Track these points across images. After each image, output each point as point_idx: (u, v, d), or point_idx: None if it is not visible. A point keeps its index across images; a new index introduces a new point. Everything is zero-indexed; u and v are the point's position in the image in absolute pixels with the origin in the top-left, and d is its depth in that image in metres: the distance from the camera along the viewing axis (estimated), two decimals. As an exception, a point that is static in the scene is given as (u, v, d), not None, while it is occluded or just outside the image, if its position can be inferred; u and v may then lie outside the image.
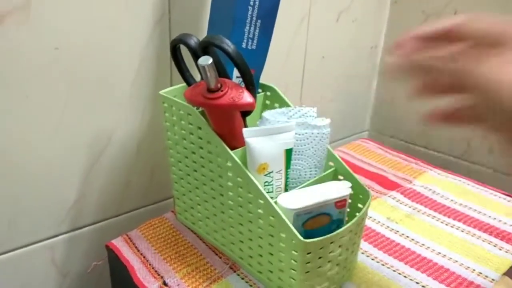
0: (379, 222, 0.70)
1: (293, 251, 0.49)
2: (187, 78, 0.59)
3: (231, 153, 0.53)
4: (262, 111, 0.62)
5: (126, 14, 0.62)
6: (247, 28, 0.59)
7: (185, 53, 0.56)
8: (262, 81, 0.66)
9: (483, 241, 0.66)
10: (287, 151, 0.53)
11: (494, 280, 0.58)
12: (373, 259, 0.62)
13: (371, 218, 0.71)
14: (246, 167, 0.52)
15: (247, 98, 0.50)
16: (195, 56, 0.53)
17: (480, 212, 0.73)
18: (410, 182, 0.83)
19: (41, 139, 0.60)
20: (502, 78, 0.28)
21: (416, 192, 0.79)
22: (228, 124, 0.53)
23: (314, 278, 0.51)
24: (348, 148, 0.97)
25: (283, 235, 0.50)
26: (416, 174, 0.86)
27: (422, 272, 0.59)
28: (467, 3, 0.92)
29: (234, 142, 0.54)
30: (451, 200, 0.77)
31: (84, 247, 0.70)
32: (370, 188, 0.81)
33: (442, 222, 0.70)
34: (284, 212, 0.49)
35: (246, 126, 0.57)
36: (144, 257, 0.60)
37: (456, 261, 0.61)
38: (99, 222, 0.71)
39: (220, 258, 0.61)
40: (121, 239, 0.64)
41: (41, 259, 0.67)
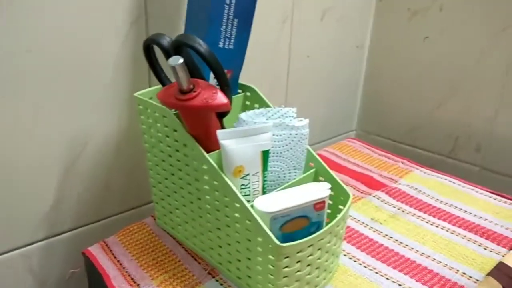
0: (363, 223, 0.69)
1: (270, 256, 0.48)
2: (162, 79, 0.57)
3: (207, 156, 0.51)
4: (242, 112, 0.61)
5: (101, 14, 0.60)
6: (224, 27, 0.58)
7: (160, 53, 0.54)
8: (246, 81, 0.65)
9: (468, 240, 0.65)
10: (264, 153, 0.51)
11: (478, 280, 0.57)
12: (355, 261, 0.60)
13: (355, 219, 0.70)
14: (222, 170, 0.51)
15: (221, 98, 0.48)
16: (168, 56, 0.51)
17: (466, 211, 0.72)
18: (396, 182, 0.82)
19: (14, 143, 0.59)
20: None
21: (401, 191, 0.78)
22: (202, 126, 0.51)
23: (293, 282, 0.50)
24: (334, 148, 0.96)
25: (260, 239, 0.49)
26: (402, 173, 0.85)
27: (405, 273, 0.58)
28: (452, 0, 0.92)
29: (210, 145, 0.52)
30: (437, 199, 0.76)
31: (62, 255, 0.69)
32: (355, 188, 0.80)
33: (427, 222, 0.69)
34: (260, 215, 0.48)
35: (223, 127, 0.55)
36: (120, 264, 0.59)
37: (440, 261, 0.60)
38: (77, 228, 0.69)
39: (199, 263, 0.59)
40: (97, 246, 0.62)
41: (17, 267, 0.65)
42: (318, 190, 0.52)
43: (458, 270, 0.59)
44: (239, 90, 0.66)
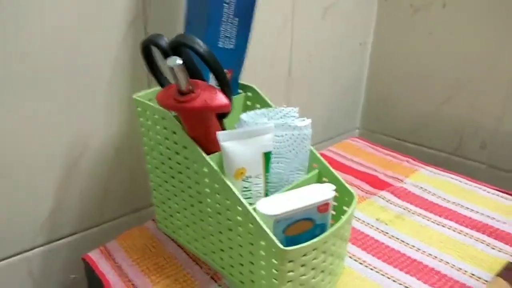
0: (368, 223, 0.68)
1: (273, 260, 0.47)
2: (162, 81, 0.56)
3: (207, 158, 0.50)
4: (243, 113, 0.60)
5: (99, 15, 0.59)
6: (223, 26, 0.57)
7: (159, 54, 0.53)
8: (247, 81, 0.63)
9: (476, 240, 0.63)
10: (266, 154, 0.50)
11: (487, 281, 0.56)
12: (361, 263, 0.59)
13: (360, 220, 0.69)
14: (223, 173, 0.50)
15: (221, 99, 0.47)
16: (167, 57, 0.50)
17: (472, 210, 0.71)
18: (401, 181, 0.80)
19: (12, 147, 0.58)
20: None
21: (407, 191, 0.77)
22: (202, 127, 0.50)
23: (297, 287, 0.49)
24: (337, 147, 0.95)
25: (263, 243, 0.47)
26: (407, 172, 0.83)
27: (412, 275, 0.57)
28: (455, -4, 0.90)
29: (211, 147, 0.51)
30: (443, 198, 0.74)
31: (62, 260, 0.68)
32: (360, 188, 0.78)
33: (433, 222, 0.68)
34: (263, 218, 0.47)
35: (224, 129, 0.54)
36: (121, 269, 0.58)
37: (447, 262, 0.59)
38: (78, 233, 0.68)
39: (201, 268, 0.58)
40: (98, 251, 0.61)
41: (17, 273, 0.64)
42: (322, 192, 0.51)
43: (466, 271, 0.57)
44: (240, 91, 0.65)
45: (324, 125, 1.04)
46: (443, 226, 0.67)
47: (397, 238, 0.64)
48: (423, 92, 1.01)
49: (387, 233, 0.66)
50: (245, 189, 0.50)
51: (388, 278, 0.56)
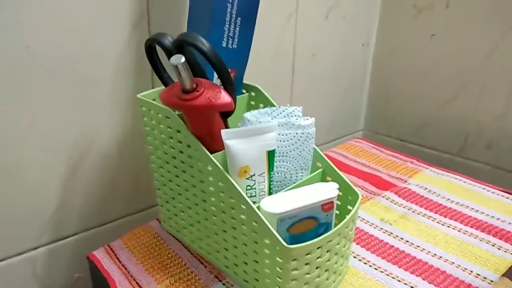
0: (372, 224, 0.68)
1: (277, 258, 0.47)
2: (165, 80, 0.56)
3: (211, 156, 0.50)
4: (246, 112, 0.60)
5: (103, 15, 0.60)
6: (227, 26, 0.57)
7: (163, 53, 0.53)
8: (250, 81, 0.64)
9: (481, 240, 0.63)
10: (270, 153, 0.50)
11: (492, 281, 0.55)
12: (365, 263, 0.59)
13: (364, 220, 0.69)
14: (227, 171, 0.50)
15: (225, 98, 0.47)
16: (170, 56, 0.50)
17: (477, 210, 0.70)
18: (405, 182, 0.80)
19: (16, 148, 0.58)
20: None
21: (411, 191, 0.76)
22: (206, 126, 0.50)
23: (301, 285, 0.48)
24: (341, 148, 0.95)
25: (267, 241, 0.47)
26: (411, 173, 0.83)
27: (417, 275, 0.57)
28: (459, -4, 0.90)
29: (215, 145, 0.51)
30: (448, 199, 0.74)
31: (66, 259, 0.68)
32: (364, 188, 0.78)
33: (438, 222, 0.68)
34: (267, 217, 0.47)
35: (227, 128, 0.54)
36: (125, 268, 0.58)
37: (452, 262, 0.59)
38: (82, 232, 0.68)
39: (205, 267, 0.58)
40: (102, 250, 0.61)
41: (21, 273, 0.64)
42: (326, 190, 0.51)
43: (471, 271, 0.57)
44: (244, 90, 0.65)
45: (327, 126, 1.04)
46: (448, 227, 0.66)
47: (401, 238, 0.64)
48: (427, 92, 1.01)
49: (392, 233, 0.65)
50: (249, 187, 0.50)
51: (393, 278, 0.56)
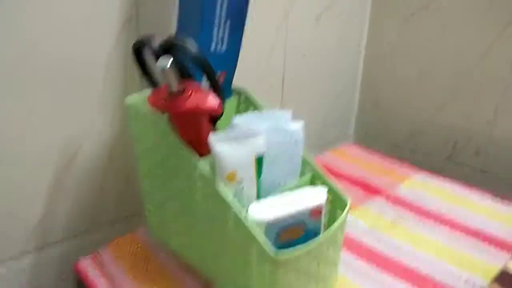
0: (363, 230, 0.67)
1: (266, 265, 0.46)
2: (153, 82, 0.55)
3: (199, 161, 0.49)
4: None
5: (91, 17, 0.59)
6: (216, 29, 0.56)
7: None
8: (241, 84, 0.63)
9: (471, 246, 0.63)
10: (258, 157, 0.49)
11: (483, 287, 0.55)
12: (355, 270, 0.58)
13: (354, 226, 0.68)
14: (215, 176, 0.49)
15: (212, 101, 0.47)
16: (158, 58, 0.49)
17: (467, 216, 0.70)
18: (396, 187, 0.80)
19: (2, 150, 0.56)
20: None
21: (401, 197, 0.76)
22: (194, 130, 0.50)
23: (290, 293, 0.48)
24: (331, 153, 0.95)
25: (255, 249, 0.46)
26: (401, 178, 0.83)
27: (406, 282, 0.56)
28: (450, 0, 0.91)
29: (203, 150, 0.50)
30: (437, 204, 0.74)
31: (53, 266, 0.66)
32: (354, 194, 0.77)
33: (428, 228, 0.67)
34: (255, 223, 0.46)
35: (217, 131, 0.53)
36: (112, 278, 0.56)
37: (442, 269, 0.58)
38: (69, 239, 0.67)
39: (193, 276, 0.57)
40: (88, 259, 0.60)
41: (8, 280, 0.62)
42: (315, 196, 0.50)
43: (461, 277, 0.57)
44: (233, 94, 0.64)
45: (318, 130, 1.04)
46: (438, 232, 0.66)
47: (391, 245, 0.64)
48: (418, 98, 1.01)
49: (382, 239, 0.65)
50: (237, 192, 0.49)
51: (383, 285, 0.56)
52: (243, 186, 0.49)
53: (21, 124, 0.57)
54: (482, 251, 0.62)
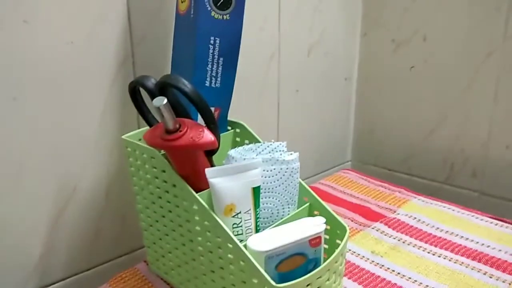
0: (363, 256, 0.67)
1: (267, 298, 0.46)
2: (149, 120, 0.57)
3: (196, 195, 0.50)
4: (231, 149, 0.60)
5: (88, 58, 0.61)
6: (209, 66, 0.58)
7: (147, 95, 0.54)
8: (236, 117, 0.64)
9: (472, 269, 0.63)
10: (255, 189, 0.50)
11: (486, 312, 0.55)
12: (358, 298, 0.58)
13: (355, 253, 0.68)
14: (213, 210, 0.49)
15: (208, 136, 0.48)
16: (154, 97, 0.51)
17: (467, 238, 0.70)
18: (394, 212, 0.80)
19: (0, 194, 0.57)
20: None
21: (400, 221, 0.76)
22: (191, 165, 0.51)
23: (293, 325, 0.47)
24: (329, 180, 0.95)
25: (255, 281, 0.46)
26: (400, 203, 0.83)
27: (410, 308, 0.56)
28: (435, 29, 0.94)
29: (200, 184, 0.51)
30: (437, 228, 0.74)
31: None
32: (353, 220, 0.78)
33: (428, 252, 0.67)
34: (254, 255, 0.46)
35: (213, 166, 0.54)
36: (112, 314, 0.56)
37: (445, 293, 0.58)
38: (69, 277, 0.67)
39: (194, 309, 0.57)
40: (88, 296, 0.60)
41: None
42: (313, 225, 0.51)
43: (464, 302, 0.56)
44: (229, 127, 0.65)
45: (315, 159, 1.05)
46: (439, 256, 0.66)
47: (393, 271, 0.63)
48: (410, 123, 1.03)
49: (383, 265, 0.65)
50: (235, 225, 0.50)
51: (385, 312, 0.55)
52: (241, 218, 0.50)
53: (17, 166, 0.58)
54: (484, 274, 0.61)
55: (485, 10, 0.86)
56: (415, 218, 0.77)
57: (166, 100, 0.45)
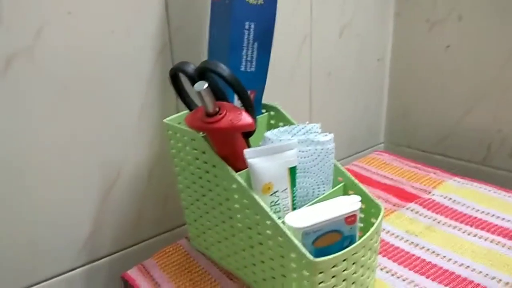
0: (398, 236, 0.68)
1: (304, 272, 0.48)
2: (189, 104, 0.60)
3: (235, 175, 0.53)
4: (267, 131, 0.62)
5: (129, 47, 0.64)
6: (245, 51, 0.60)
7: (187, 79, 0.57)
8: (269, 101, 0.66)
9: (509, 249, 0.63)
10: (291, 169, 0.52)
11: (523, 290, 0.55)
12: (392, 275, 0.59)
13: (389, 232, 0.69)
14: (251, 188, 0.52)
15: (246, 119, 0.50)
16: (193, 82, 0.53)
17: (504, 218, 0.70)
18: (429, 193, 0.80)
19: (53, 177, 0.62)
20: None
21: (435, 202, 0.76)
22: (230, 146, 0.53)
23: (329, 298, 0.49)
24: (363, 161, 0.96)
25: (293, 255, 0.49)
26: (435, 184, 0.83)
27: (445, 285, 0.57)
28: (471, 8, 0.91)
29: (238, 164, 0.54)
30: (473, 208, 0.74)
31: (102, 279, 0.71)
32: (387, 201, 0.78)
33: (464, 232, 0.67)
34: (292, 231, 0.49)
35: (249, 147, 0.56)
36: (158, 285, 0.60)
37: (480, 271, 0.58)
38: (116, 253, 0.71)
39: (234, 282, 0.60)
40: (136, 269, 0.64)
41: (59, 294, 0.67)
42: (349, 204, 0.52)
43: (500, 280, 0.57)
44: (263, 110, 0.67)
45: (348, 141, 1.05)
46: (474, 236, 0.66)
47: (428, 249, 0.64)
48: (445, 103, 1.01)
49: (418, 244, 0.66)
50: (273, 203, 0.52)
51: (420, 288, 0.56)
52: (279, 197, 0.52)
53: (67, 151, 0.62)
54: (521, 253, 0.61)
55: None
56: (451, 199, 0.77)
57: (206, 84, 0.47)
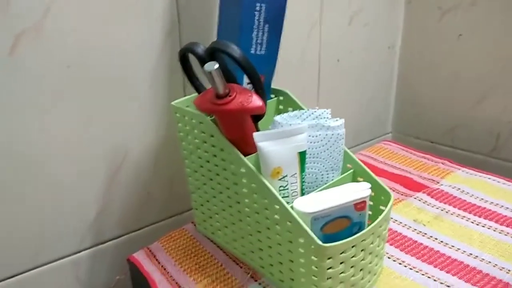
0: (406, 225, 0.67)
1: (312, 257, 0.48)
2: (198, 87, 0.59)
3: (244, 159, 0.52)
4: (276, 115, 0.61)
5: (137, 29, 0.63)
6: (255, 33, 0.59)
7: (195, 62, 0.56)
8: (277, 86, 0.65)
9: (518, 239, 0.62)
10: (301, 154, 0.51)
11: (532, 280, 0.54)
12: (400, 263, 0.59)
13: (397, 221, 0.68)
14: (260, 173, 0.51)
15: (256, 101, 0.49)
16: (203, 64, 0.52)
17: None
18: (437, 183, 0.79)
19: (58, 157, 0.61)
20: None
21: (444, 192, 0.76)
22: (239, 129, 0.52)
23: (337, 284, 0.49)
24: (370, 151, 0.95)
25: (302, 241, 0.48)
26: (443, 174, 0.82)
27: (453, 274, 0.56)
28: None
29: (247, 148, 0.53)
30: (481, 199, 0.73)
31: (107, 262, 0.71)
32: (395, 190, 0.78)
33: (472, 222, 0.67)
34: (300, 216, 0.48)
35: (258, 131, 0.56)
36: (165, 269, 0.60)
37: (489, 262, 0.58)
38: (121, 236, 0.71)
39: (240, 267, 0.59)
40: (142, 252, 0.64)
41: (65, 276, 0.67)
42: (358, 190, 0.52)
43: (509, 270, 0.56)
44: (272, 95, 0.66)
45: (355, 130, 1.04)
46: (483, 226, 0.66)
47: (435, 239, 0.64)
48: (455, 94, 1.00)
49: (426, 233, 0.65)
50: (282, 188, 0.51)
51: (428, 277, 0.56)
52: (288, 181, 0.51)
53: (75, 133, 0.62)
54: (531, 244, 0.61)
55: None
56: (459, 189, 0.76)
57: (217, 65, 0.46)
